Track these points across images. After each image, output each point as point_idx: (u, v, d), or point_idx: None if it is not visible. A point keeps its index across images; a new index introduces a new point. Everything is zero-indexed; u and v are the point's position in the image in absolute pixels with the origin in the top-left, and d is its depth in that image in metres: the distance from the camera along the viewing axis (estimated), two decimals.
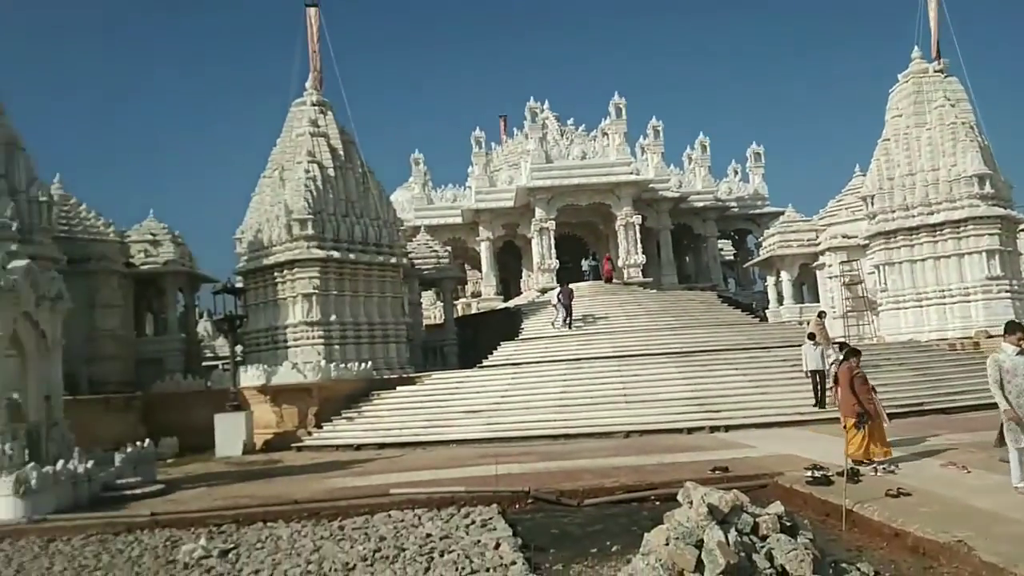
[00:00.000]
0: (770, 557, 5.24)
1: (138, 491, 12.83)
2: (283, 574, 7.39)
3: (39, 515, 10.85)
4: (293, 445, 20.27)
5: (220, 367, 26.58)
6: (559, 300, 28.13)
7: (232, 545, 8.79)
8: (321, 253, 23.87)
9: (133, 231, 28.38)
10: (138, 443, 14.84)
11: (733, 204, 42.52)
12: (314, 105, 26.26)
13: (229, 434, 19.69)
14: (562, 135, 40.35)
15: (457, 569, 7.13)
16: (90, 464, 12.75)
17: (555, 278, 34.18)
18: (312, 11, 26.34)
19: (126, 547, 9.17)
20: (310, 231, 23.93)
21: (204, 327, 41.36)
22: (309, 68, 26.64)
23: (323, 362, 22.68)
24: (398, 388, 22.47)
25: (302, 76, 26.72)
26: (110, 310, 25.27)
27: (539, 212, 35.13)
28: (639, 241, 35.28)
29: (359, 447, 18.99)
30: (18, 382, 13.00)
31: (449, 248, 35.17)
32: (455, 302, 36.77)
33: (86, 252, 24.82)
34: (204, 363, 31.11)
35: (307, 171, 24.54)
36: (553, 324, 28.13)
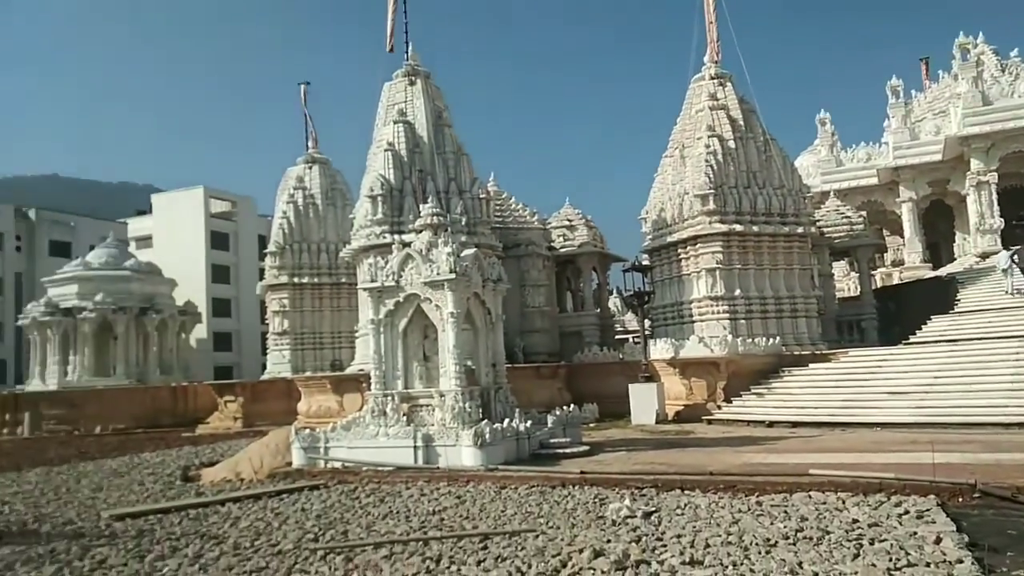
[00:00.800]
0: None
1: (568, 450, 14.26)
2: (704, 542, 7.58)
3: (492, 464, 12.72)
4: (703, 417, 20.61)
5: (631, 340, 28.16)
6: (1011, 264, 24.01)
7: (654, 508, 9.29)
8: (723, 227, 23.73)
9: (553, 218, 31.41)
10: (564, 407, 16.48)
11: None
12: (712, 78, 26.09)
13: (643, 403, 20.76)
14: (1003, 71, 34.10)
15: (891, 559, 6.58)
16: (528, 424, 14.54)
17: (999, 240, 29.19)
18: None
19: (561, 500, 10.28)
20: (711, 206, 23.93)
21: (614, 303, 44.06)
22: (707, 42, 26.52)
23: (729, 336, 22.58)
24: (810, 365, 21.39)
25: (700, 51, 26.73)
26: (537, 289, 28.38)
27: (975, 164, 30.32)
28: None
29: (771, 424, 18.54)
30: (471, 351, 15.37)
31: (863, 213, 32.27)
32: (872, 272, 33.60)
33: (516, 239, 28.22)
34: (616, 336, 33.21)
35: (707, 146, 24.53)
36: (1009, 293, 24.08)
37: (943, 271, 31.45)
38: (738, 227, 23.84)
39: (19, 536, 9.33)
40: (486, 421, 13.72)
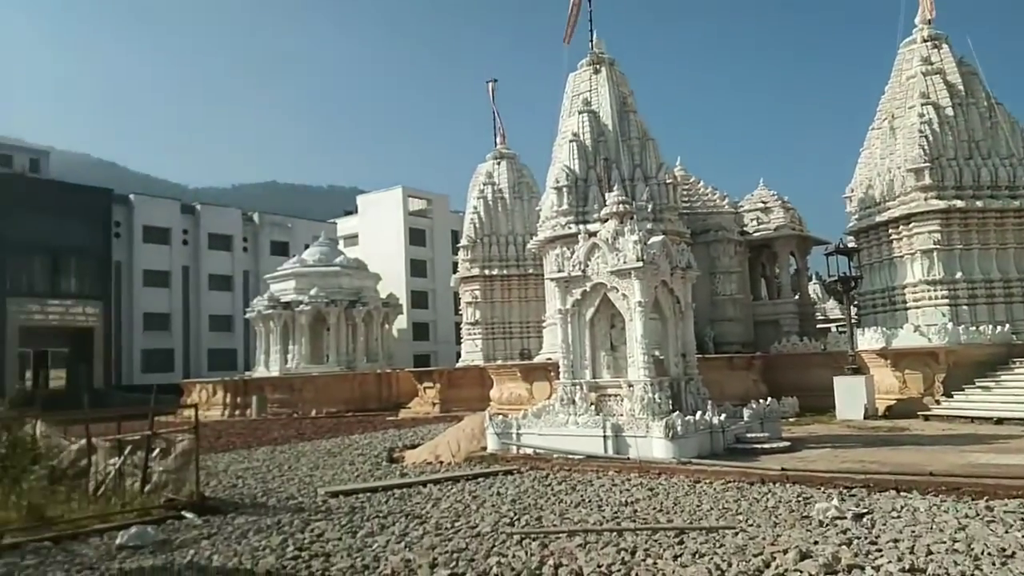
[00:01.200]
0: None
1: (766, 445, 13.59)
2: (925, 548, 6.90)
3: (685, 458, 12.40)
4: (919, 413, 18.89)
5: (835, 329, 26.34)
6: None
7: (865, 510, 8.61)
8: (941, 204, 21.51)
9: (745, 201, 30.02)
10: (760, 400, 15.71)
11: None
12: (925, 41, 23.70)
13: (849, 397, 19.37)
14: None
15: None
16: (722, 417, 14.01)
17: None
18: None
19: (761, 497, 9.80)
20: (927, 180, 21.77)
21: (814, 290, 41.45)
22: (917, 1, 24.12)
23: (949, 324, 20.48)
24: None
25: (910, 13, 24.36)
26: (728, 276, 27.30)
27: None
28: None
29: (999, 421, 16.67)
30: (660, 341, 15.05)
31: None
32: None
33: (705, 224, 27.31)
34: (817, 326, 31.21)
35: (920, 115, 22.33)
36: None
37: None
38: (959, 203, 21.50)
39: (251, 508, 10.37)
40: (677, 413, 13.40)
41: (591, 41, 26.01)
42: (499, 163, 33.36)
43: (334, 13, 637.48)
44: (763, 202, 29.56)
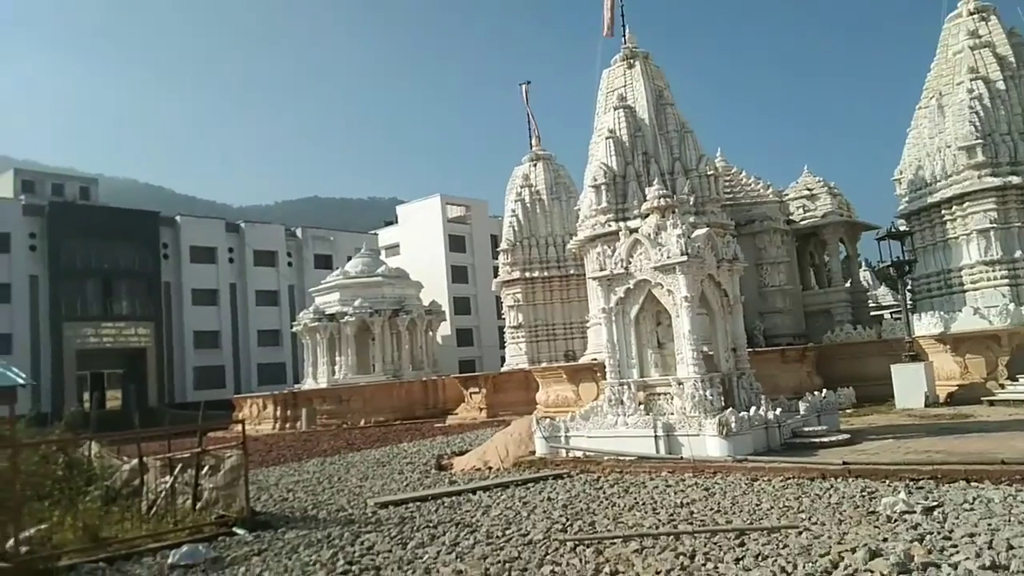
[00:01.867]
0: None
1: (824, 439, 13.13)
2: (1005, 543, 6.49)
3: (740, 455, 12.02)
4: (982, 399, 18.20)
5: (889, 316, 25.56)
6: None
7: (935, 503, 8.18)
8: (996, 181, 20.68)
9: (790, 189, 29.29)
10: (815, 393, 15.22)
11: None
12: (972, 14, 22.85)
13: (908, 385, 18.71)
14: None
15: None
16: (777, 411, 13.58)
17: None
18: None
19: (823, 493, 9.41)
20: (980, 158, 20.95)
21: (864, 276, 40.37)
22: None
23: (1011, 305, 19.68)
24: None
25: None
26: (776, 266, 26.64)
27: None
28: None
29: None
30: (708, 336, 14.68)
31: None
32: None
33: (750, 215, 26.70)
34: (871, 313, 30.32)
35: (969, 90, 21.52)
36: None
37: None
38: (1015, 179, 20.63)
39: (301, 521, 10.33)
40: (730, 409, 13.01)
41: (624, 36, 25.68)
42: (535, 165, 33.17)
43: (358, 25, 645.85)
44: (808, 189, 28.81)
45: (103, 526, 9.54)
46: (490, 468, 14.18)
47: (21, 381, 7.93)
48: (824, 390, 15.67)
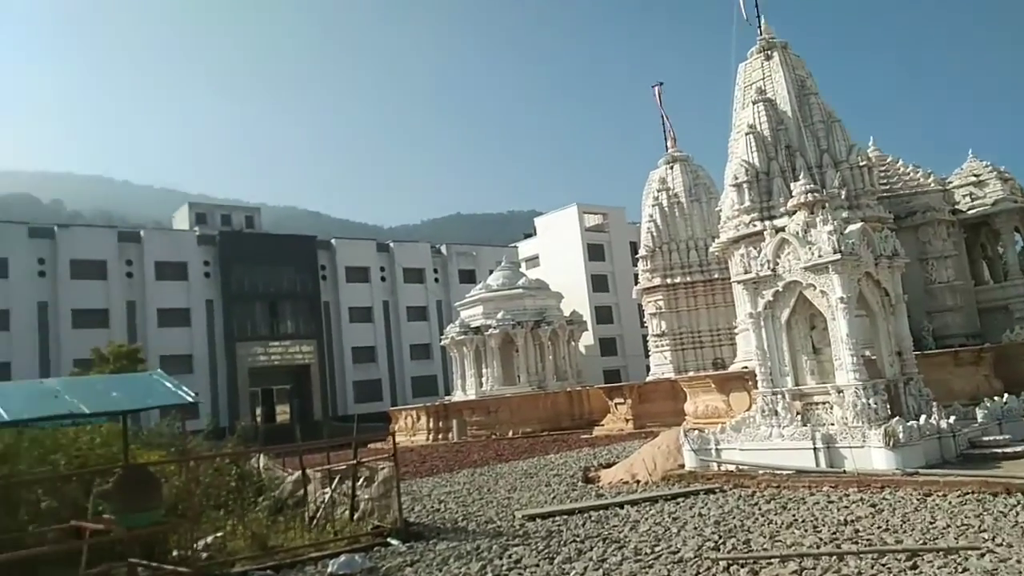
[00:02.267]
0: None
1: (1008, 449, 11.90)
2: None
3: (911, 468, 11.11)
4: None
5: None
6: None
7: None
8: None
9: (954, 176, 26.93)
10: (995, 398, 13.86)
11: None
12: None
13: None
14: None
15: None
16: (951, 419, 12.47)
17: None
18: None
19: (1008, 510, 8.52)
20: None
21: None
22: None
23: None
24: None
25: None
26: (942, 261, 24.55)
27: None
28: None
29: None
30: (869, 339, 13.71)
31: None
32: None
33: (910, 206, 24.80)
34: None
35: None
36: None
37: None
38: None
39: (452, 533, 10.54)
40: (897, 418, 12.06)
41: (759, 27, 24.66)
42: (672, 167, 32.46)
43: (487, 47, 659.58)
44: (975, 175, 26.36)
45: (271, 535, 10.15)
46: (637, 481, 13.91)
47: (191, 399, 8.56)
48: (1005, 395, 14.23)
